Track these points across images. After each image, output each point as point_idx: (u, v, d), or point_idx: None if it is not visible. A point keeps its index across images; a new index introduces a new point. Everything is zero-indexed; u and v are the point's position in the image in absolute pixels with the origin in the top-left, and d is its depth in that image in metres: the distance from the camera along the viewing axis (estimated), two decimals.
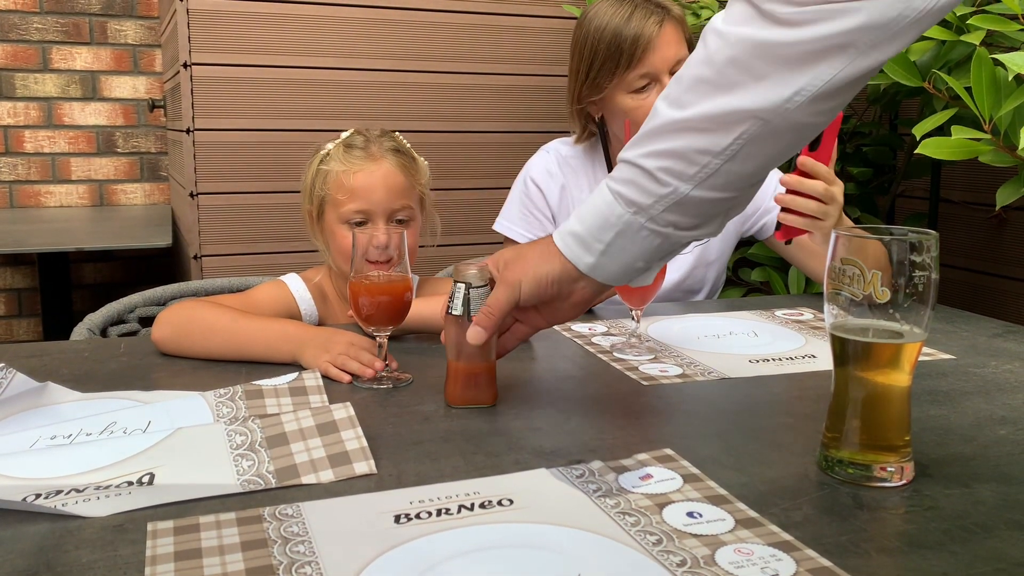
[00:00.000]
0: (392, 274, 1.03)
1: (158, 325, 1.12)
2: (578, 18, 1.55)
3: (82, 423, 0.87)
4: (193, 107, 2.10)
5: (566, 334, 1.25)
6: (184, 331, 1.11)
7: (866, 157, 2.12)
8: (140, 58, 3.07)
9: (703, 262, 1.61)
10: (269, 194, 2.18)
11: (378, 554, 0.62)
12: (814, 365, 1.11)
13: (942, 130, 1.43)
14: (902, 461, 0.75)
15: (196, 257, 2.16)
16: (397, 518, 0.67)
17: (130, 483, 0.73)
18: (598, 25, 1.47)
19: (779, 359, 1.13)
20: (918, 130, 1.44)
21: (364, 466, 0.76)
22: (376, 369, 1.01)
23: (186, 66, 2.08)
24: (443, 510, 0.68)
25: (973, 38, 1.42)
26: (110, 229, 2.62)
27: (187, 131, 2.11)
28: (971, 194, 2.09)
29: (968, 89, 1.33)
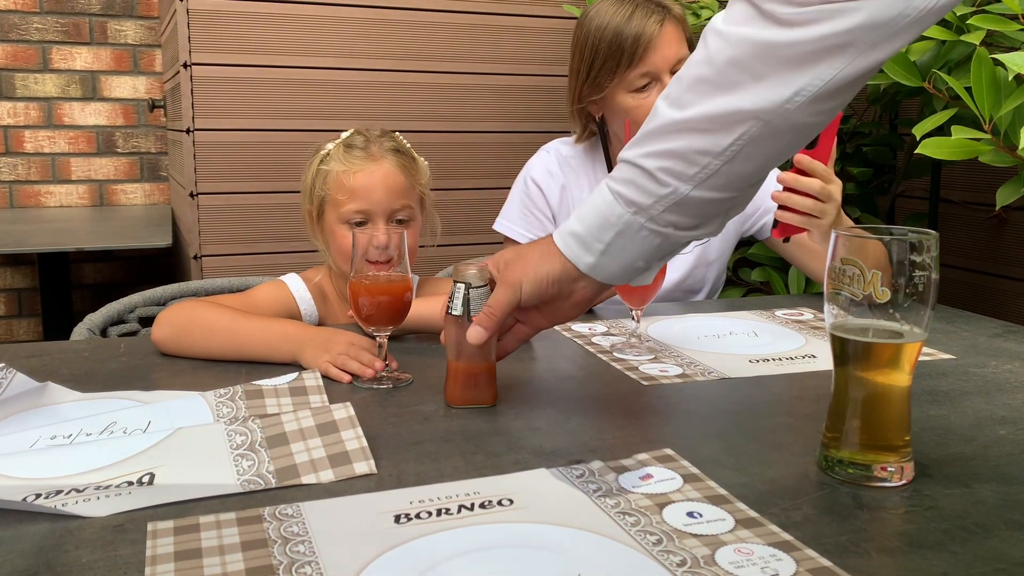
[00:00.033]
0: (392, 274, 1.03)
1: (158, 325, 1.12)
2: (579, 18, 1.55)
3: (82, 423, 0.87)
4: (193, 107, 2.10)
5: (566, 334, 1.25)
6: (184, 331, 1.11)
7: (866, 157, 2.12)
8: (140, 58, 3.07)
9: (703, 262, 1.61)
10: (269, 194, 2.18)
11: (378, 554, 0.62)
12: (814, 365, 1.11)
13: (942, 130, 1.43)
14: (902, 461, 0.75)
15: (196, 257, 2.16)
16: (397, 518, 0.67)
17: (130, 483, 0.73)
18: (599, 24, 1.47)
19: (779, 359, 1.13)
20: (918, 130, 1.44)
21: (364, 466, 0.76)
22: (376, 369, 1.01)
23: (186, 66, 2.08)
24: (443, 510, 0.68)
25: (973, 38, 1.42)
26: (110, 229, 2.62)
27: (187, 131, 2.11)
28: (971, 194, 2.09)
29: (968, 89, 1.33)
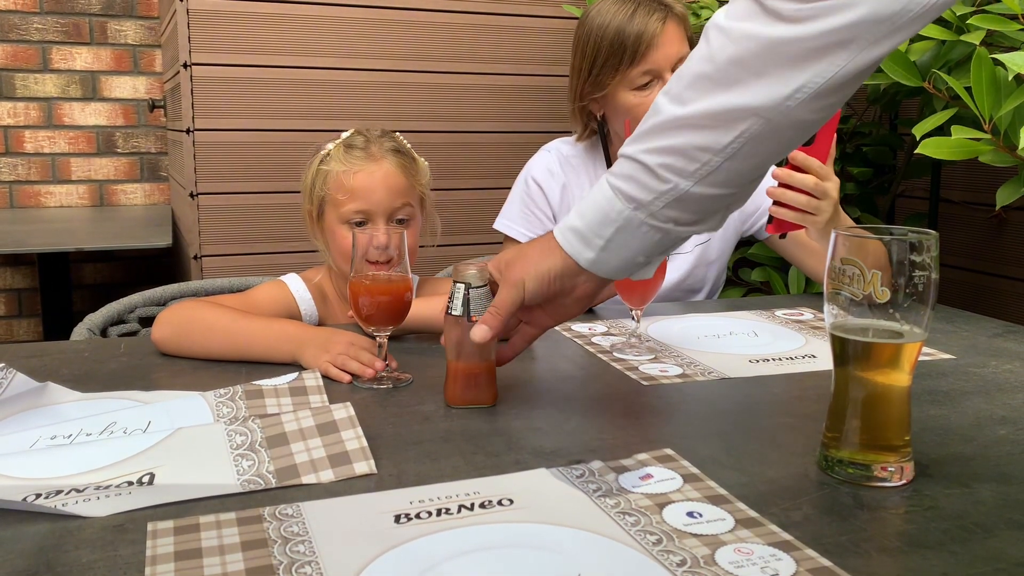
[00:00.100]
0: (392, 274, 1.03)
1: (158, 325, 1.12)
2: (580, 16, 1.55)
3: (82, 423, 0.87)
4: (193, 107, 2.10)
5: (566, 334, 1.25)
6: (184, 331, 1.11)
7: (866, 157, 2.12)
8: (140, 58, 3.07)
9: (704, 261, 1.61)
10: (269, 194, 2.18)
11: (378, 554, 0.62)
12: (814, 365, 1.11)
13: (942, 130, 1.43)
14: (902, 461, 0.75)
15: (196, 257, 2.16)
16: (397, 518, 0.67)
17: (130, 483, 0.73)
18: (601, 23, 1.47)
19: (779, 359, 1.13)
20: (918, 130, 1.44)
21: (364, 466, 0.76)
22: (376, 369, 1.01)
23: (186, 66, 2.08)
24: (443, 510, 0.68)
25: (973, 38, 1.42)
26: (110, 229, 2.62)
27: (187, 131, 2.11)
28: (971, 194, 2.09)
29: (968, 89, 1.33)
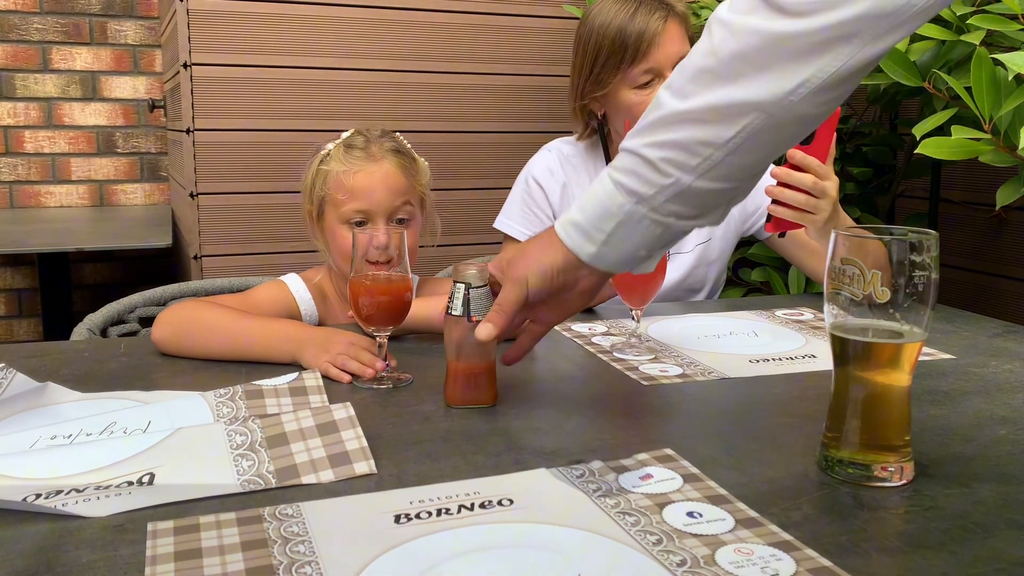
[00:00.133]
0: (392, 274, 1.03)
1: (158, 325, 1.12)
2: (580, 16, 1.55)
3: (82, 423, 0.87)
4: (193, 107, 2.09)
5: (566, 334, 1.25)
6: (184, 331, 1.11)
7: (866, 157, 2.12)
8: (140, 58, 3.07)
9: (704, 261, 1.62)
10: (269, 194, 2.18)
11: (378, 554, 0.62)
12: (814, 365, 1.11)
13: (942, 130, 1.43)
14: (902, 461, 0.75)
15: (196, 257, 2.16)
16: (397, 518, 0.67)
17: (130, 483, 0.73)
18: (603, 21, 1.48)
19: (779, 359, 1.13)
20: (918, 130, 1.43)
21: (364, 466, 0.76)
22: (376, 369, 1.01)
23: (186, 66, 2.08)
24: (443, 510, 0.68)
25: (973, 38, 1.42)
26: (110, 229, 2.62)
27: (187, 131, 2.11)
28: (971, 194, 2.08)
29: (968, 89, 1.33)
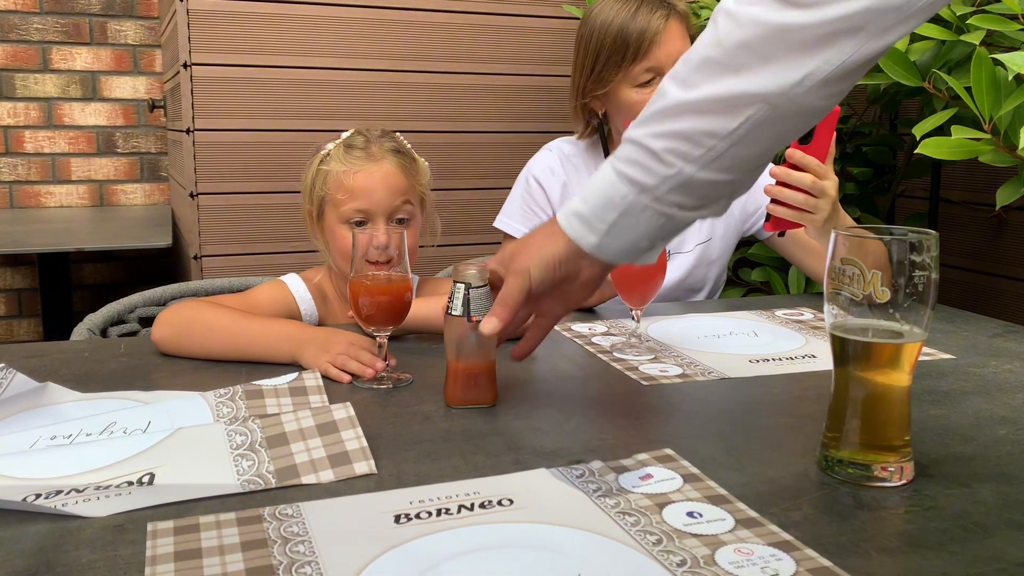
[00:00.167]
0: (392, 274, 1.03)
1: (158, 325, 1.12)
2: (580, 16, 1.56)
3: (82, 423, 0.87)
4: (193, 107, 2.10)
5: (566, 334, 1.25)
6: (184, 331, 1.11)
7: (866, 157, 2.12)
8: (140, 58, 3.07)
9: (705, 261, 1.62)
10: (269, 194, 2.18)
11: (378, 554, 0.62)
12: (814, 365, 1.11)
13: (942, 130, 1.43)
14: (902, 461, 0.75)
15: (196, 257, 2.16)
16: (397, 518, 0.67)
17: (130, 483, 0.73)
18: (604, 20, 1.49)
19: (779, 359, 1.13)
20: (918, 130, 1.43)
21: (364, 466, 0.76)
22: (376, 369, 1.01)
23: (186, 66, 2.08)
24: (443, 510, 0.68)
25: (973, 38, 1.42)
26: (110, 229, 2.62)
27: (187, 131, 2.11)
28: (971, 194, 2.08)
29: (968, 89, 1.33)
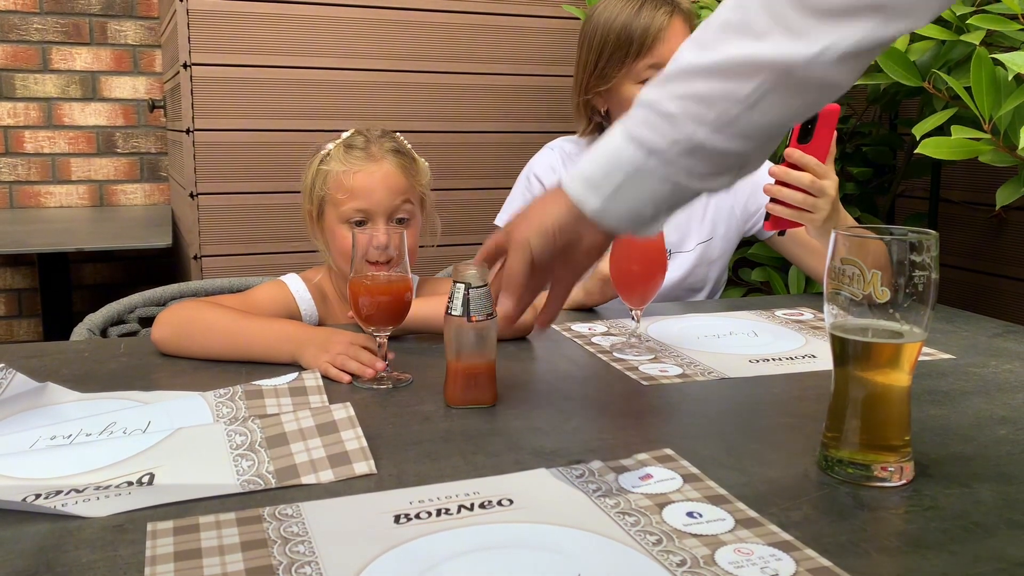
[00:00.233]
0: (392, 274, 1.03)
1: (158, 325, 1.12)
2: (581, 16, 1.56)
3: (82, 423, 0.87)
4: (193, 107, 2.10)
5: (566, 334, 1.25)
6: (184, 331, 1.11)
7: (866, 157, 2.12)
8: (140, 58, 3.07)
9: (705, 260, 1.62)
10: (269, 194, 2.18)
11: (378, 554, 0.62)
12: (814, 365, 1.11)
13: (942, 130, 1.43)
14: (902, 461, 0.75)
15: (196, 257, 2.16)
16: (397, 518, 0.67)
17: (130, 483, 0.73)
18: (608, 16, 1.49)
19: (779, 359, 1.13)
20: (918, 130, 1.44)
21: (364, 466, 0.76)
22: (376, 369, 1.01)
23: (186, 66, 2.08)
24: (443, 510, 0.68)
25: (973, 38, 1.42)
26: (110, 229, 2.62)
27: (187, 131, 2.11)
28: (971, 194, 2.08)
29: (968, 89, 1.33)
